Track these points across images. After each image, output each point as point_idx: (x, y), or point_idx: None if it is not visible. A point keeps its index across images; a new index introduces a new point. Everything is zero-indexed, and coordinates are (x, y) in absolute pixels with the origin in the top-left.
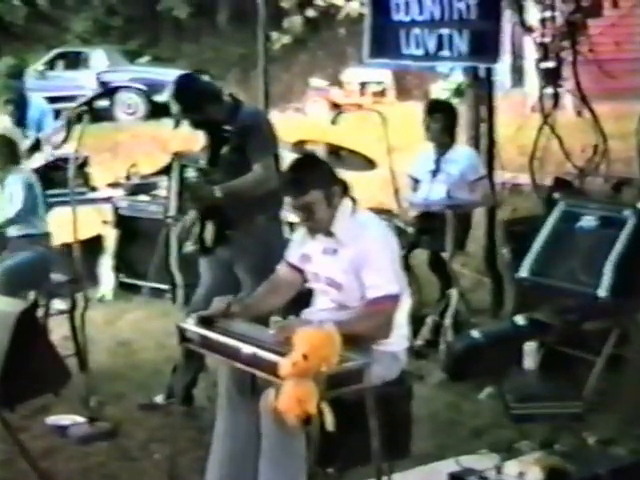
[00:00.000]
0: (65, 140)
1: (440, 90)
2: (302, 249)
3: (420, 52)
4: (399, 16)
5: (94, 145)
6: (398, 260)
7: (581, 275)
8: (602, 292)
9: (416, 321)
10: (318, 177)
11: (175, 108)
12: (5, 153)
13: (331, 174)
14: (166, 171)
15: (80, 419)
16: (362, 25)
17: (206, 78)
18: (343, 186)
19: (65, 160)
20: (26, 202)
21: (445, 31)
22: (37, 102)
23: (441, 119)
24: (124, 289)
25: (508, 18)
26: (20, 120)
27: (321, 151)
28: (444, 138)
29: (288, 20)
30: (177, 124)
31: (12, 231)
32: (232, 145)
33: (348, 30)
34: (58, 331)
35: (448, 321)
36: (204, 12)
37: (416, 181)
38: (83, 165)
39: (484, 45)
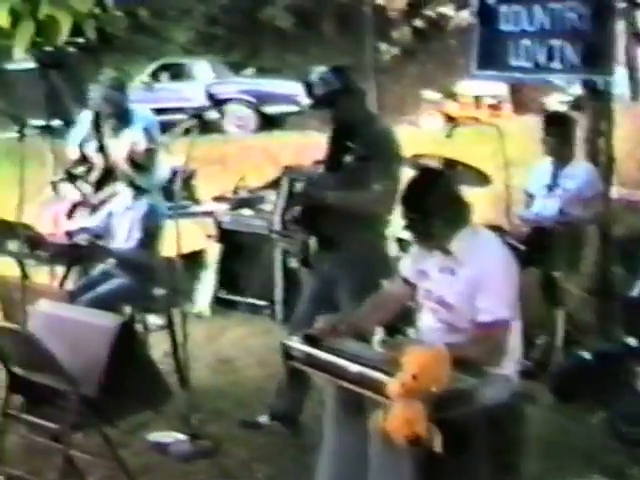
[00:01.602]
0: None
1: (556, 103)
2: (419, 265)
3: (530, 64)
4: (508, 27)
5: (203, 157)
6: (517, 284)
7: None
8: None
9: (525, 341)
10: (439, 195)
11: (319, 90)
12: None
13: (453, 192)
14: (275, 185)
15: (181, 436)
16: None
17: None
18: (464, 205)
19: (173, 172)
20: (145, 233)
21: (556, 42)
22: (143, 114)
23: (558, 132)
24: (220, 305)
25: (622, 29)
26: None
27: (436, 165)
28: (562, 152)
29: (398, 31)
30: (314, 108)
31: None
32: (357, 155)
33: (458, 41)
34: (159, 347)
35: (558, 342)
36: (308, 21)
37: (531, 196)
38: (189, 178)
39: (597, 56)
